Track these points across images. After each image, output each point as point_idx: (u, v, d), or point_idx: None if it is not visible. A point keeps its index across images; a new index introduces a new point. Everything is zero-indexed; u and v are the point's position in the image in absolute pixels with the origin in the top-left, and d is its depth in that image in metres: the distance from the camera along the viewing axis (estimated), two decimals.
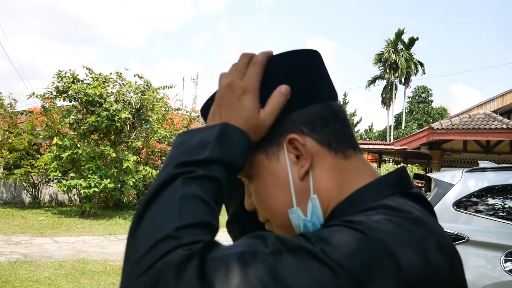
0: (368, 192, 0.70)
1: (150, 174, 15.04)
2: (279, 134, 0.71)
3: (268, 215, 0.75)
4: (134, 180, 14.03)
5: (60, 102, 14.62)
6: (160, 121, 15.62)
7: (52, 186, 17.39)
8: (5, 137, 15.78)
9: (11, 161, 15.75)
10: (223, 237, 0.93)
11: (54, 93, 13.79)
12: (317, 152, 0.71)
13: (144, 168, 14.86)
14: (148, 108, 14.38)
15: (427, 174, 6.57)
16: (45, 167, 15.39)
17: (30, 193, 17.00)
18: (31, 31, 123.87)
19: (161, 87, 15.32)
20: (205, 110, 0.79)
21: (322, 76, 0.77)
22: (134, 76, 14.79)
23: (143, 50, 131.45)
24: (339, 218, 0.65)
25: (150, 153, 16.97)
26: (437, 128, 15.35)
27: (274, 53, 0.75)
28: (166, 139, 16.63)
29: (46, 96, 14.15)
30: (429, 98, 52.41)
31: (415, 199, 0.70)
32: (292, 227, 0.72)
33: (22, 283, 6.10)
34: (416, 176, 8.43)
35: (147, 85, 14.64)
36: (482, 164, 4.80)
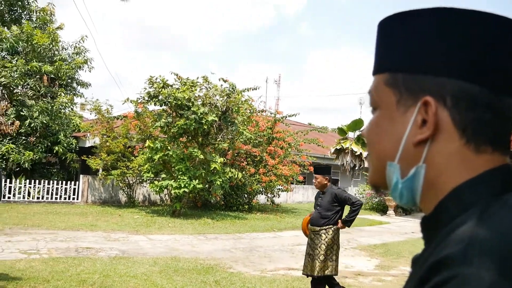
0: (474, 187, 0.63)
1: (236, 176, 15.33)
2: (421, 90, 0.66)
3: (369, 151, 0.75)
4: (221, 181, 14.39)
5: (151, 107, 15.42)
6: (245, 123, 15.90)
7: (145, 187, 18.38)
8: (103, 140, 16.92)
9: (109, 163, 16.86)
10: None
11: (146, 98, 14.54)
12: (447, 130, 0.65)
13: (230, 170, 15.20)
14: (234, 110, 14.68)
15: None
16: (139, 169, 16.29)
17: (126, 193, 18.09)
18: (121, 42, 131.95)
19: (245, 89, 15.60)
20: None
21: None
22: (219, 79, 15.19)
23: (224, 54, 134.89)
24: (441, 219, 0.63)
25: (235, 154, 17.33)
26: None
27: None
28: (251, 141, 16.87)
29: (139, 101, 14.96)
30: None
31: None
32: (382, 175, 0.72)
33: (120, 278, 6.47)
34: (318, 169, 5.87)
35: (232, 88, 14.96)
36: None
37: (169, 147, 14.40)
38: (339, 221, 5.52)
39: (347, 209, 5.67)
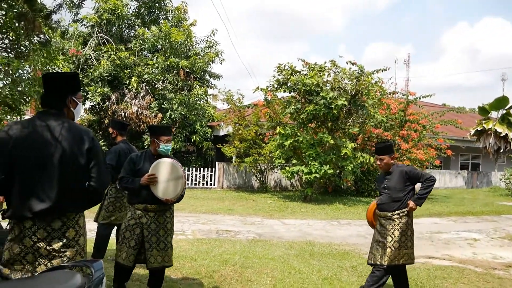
0: None
1: (367, 161, 14.92)
2: None
3: None
4: (352, 166, 14.14)
5: (280, 94, 15.67)
6: (375, 106, 15.37)
7: (276, 172, 18.83)
8: (236, 129, 17.67)
9: (242, 150, 17.58)
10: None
11: (275, 86, 14.81)
12: None
13: (361, 155, 14.84)
14: (364, 93, 14.28)
15: None
16: (270, 155, 16.72)
17: (258, 178, 18.72)
18: (250, 33, 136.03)
19: (374, 71, 15.07)
20: None
21: None
22: (347, 62, 14.88)
23: (350, 36, 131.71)
24: None
25: (366, 139, 16.88)
26: None
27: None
28: (383, 124, 16.28)
29: (269, 89, 15.29)
30: None
31: None
32: None
33: (259, 259, 6.70)
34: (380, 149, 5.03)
35: (361, 71, 14.56)
36: None
37: (298, 133, 14.53)
38: (409, 201, 4.82)
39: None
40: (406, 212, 4.83)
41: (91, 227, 8.28)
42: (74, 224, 2.70)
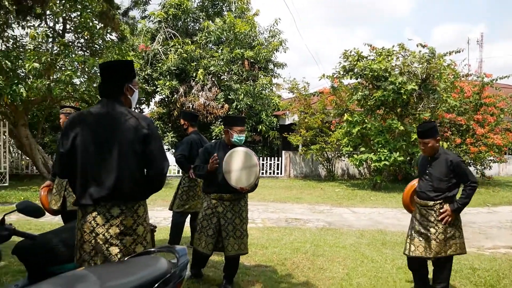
0: None
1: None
2: None
3: None
4: None
5: (346, 81, 15.37)
6: (448, 89, 14.67)
7: (343, 160, 18.57)
8: (302, 117, 17.59)
9: (308, 139, 17.49)
10: None
11: (342, 73, 14.54)
12: None
13: None
14: (435, 77, 13.69)
15: None
16: (337, 143, 16.50)
17: (325, 167, 18.56)
18: (314, 20, 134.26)
19: (447, 53, 14.37)
20: None
21: None
22: (417, 45, 14.29)
23: (417, 18, 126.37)
24: None
25: (438, 124, 16.18)
26: None
27: None
28: (456, 109, 15.52)
29: (335, 76, 15.05)
30: None
31: None
32: None
33: (330, 248, 6.67)
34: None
35: (431, 53, 13.95)
36: None
37: (366, 120, 14.20)
38: (448, 208, 4.22)
39: None
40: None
41: (165, 216, 8.63)
42: (132, 213, 2.71)
